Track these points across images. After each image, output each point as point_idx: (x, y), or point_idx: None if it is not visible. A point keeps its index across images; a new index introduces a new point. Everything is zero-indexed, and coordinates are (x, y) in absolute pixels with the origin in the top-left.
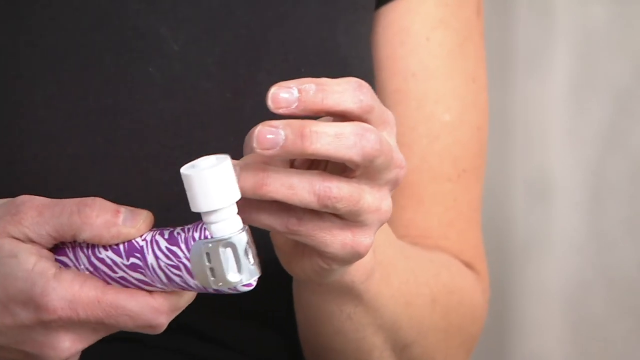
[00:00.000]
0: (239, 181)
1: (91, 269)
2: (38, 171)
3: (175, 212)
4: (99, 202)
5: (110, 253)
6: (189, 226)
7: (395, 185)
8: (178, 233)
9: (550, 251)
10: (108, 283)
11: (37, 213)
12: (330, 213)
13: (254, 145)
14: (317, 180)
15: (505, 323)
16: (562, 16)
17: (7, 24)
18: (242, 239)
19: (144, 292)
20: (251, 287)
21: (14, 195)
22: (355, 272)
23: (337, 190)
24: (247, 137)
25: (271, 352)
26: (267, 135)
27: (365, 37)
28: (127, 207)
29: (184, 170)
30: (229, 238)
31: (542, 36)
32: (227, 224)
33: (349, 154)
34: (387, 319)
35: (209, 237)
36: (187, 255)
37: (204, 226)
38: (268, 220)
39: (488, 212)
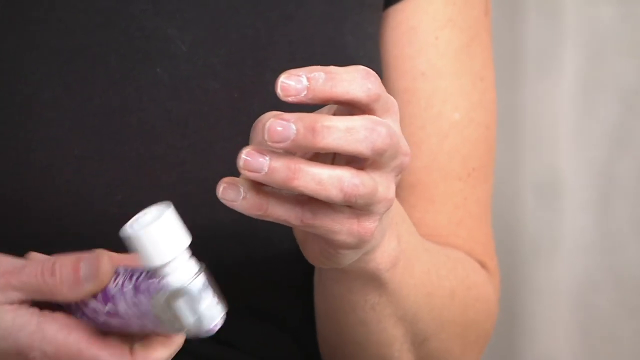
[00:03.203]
0: (268, 170)
1: (85, 317)
2: (45, 173)
3: (183, 212)
4: (58, 264)
5: (92, 301)
6: (151, 273)
7: (399, 172)
8: (141, 281)
9: (559, 251)
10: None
11: (4, 281)
12: None
13: (265, 137)
14: (346, 177)
15: (514, 323)
16: (571, 17)
17: (13, 26)
18: (196, 284)
19: (126, 351)
20: (218, 327)
21: (21, 198)
22: (381, 260)
23: (363, 188)
24: (254, 128)
25: (283, 353)
26: (278, 128)
27: (373, 37)
28: (84, 258)
29: (126, 230)
30: (183, 287)
31: (551, 37)
32: (181, 272)
33: (359, 148)
34: (409, 309)
35: (166, 288)
36: (149, 306)
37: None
38: (284, 215)
39: (497, 212)
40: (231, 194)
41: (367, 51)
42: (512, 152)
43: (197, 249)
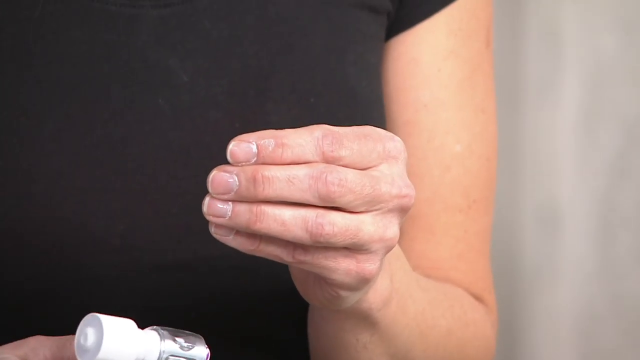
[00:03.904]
0: (232, 214)
1: None
2: (47, 205)
3: (185, 243)
4: None
5: None
6: None
7: (402, 213)
8: None
9: (559, 280)
10: None
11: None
12: None
13: (210, 190)
14: (310, 217)
15: (514, 352)
16: (572, 46)
17: (15, 59)
18: (167, 345)
19: None
20: (208, 355)
21: (22, 229)
22: (373, 299)
23: (330, 227)
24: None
25: None
26: (221, 181)
27: (375, 67)
28: None
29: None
30: (161, 356)
31: (552, 66)
32: (149, 347)
33: (305, 196)
34: (401, 348)
35: None
36: None
37: None
38: (275, 252)
39: (498, 242)
40: (224, 230)
41: (369, 82)
42: (513, 181)
43: (200, 280)
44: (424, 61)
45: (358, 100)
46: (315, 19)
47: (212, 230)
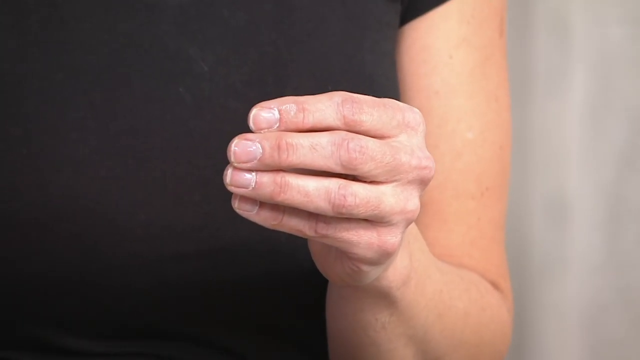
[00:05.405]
0: (256, 186)
1: None
2: (70, 194)
3: (206, 231)
4: None
5: None
6: None
7: (422, 185)
8: None
9: (568, 271)
10: None
11: None
12: None
13: (231, 159)
14: (333, 188)
15: (524, 343)
16: (581, 37)
17: (39, 48)
18: None
19: None
20: None
21: (45, 218)
22: (393, 277)
23: (352, 198)
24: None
25: None
26: (244, 149)
27: (390, 54)
28: None
29: None
30: None
31: (561, 57)
32: None
33: (327, 163)
34: (419, 329)
35: None
36: None
37: None
38: (298, 225)
39: (506, 232)
40: (247, 205)
41: (384, 69)
42: (521, 172)
43: (221, 268)
44: (436, 48)
45: (375, 87)
46: (332, 7)
47: (236, 205)
